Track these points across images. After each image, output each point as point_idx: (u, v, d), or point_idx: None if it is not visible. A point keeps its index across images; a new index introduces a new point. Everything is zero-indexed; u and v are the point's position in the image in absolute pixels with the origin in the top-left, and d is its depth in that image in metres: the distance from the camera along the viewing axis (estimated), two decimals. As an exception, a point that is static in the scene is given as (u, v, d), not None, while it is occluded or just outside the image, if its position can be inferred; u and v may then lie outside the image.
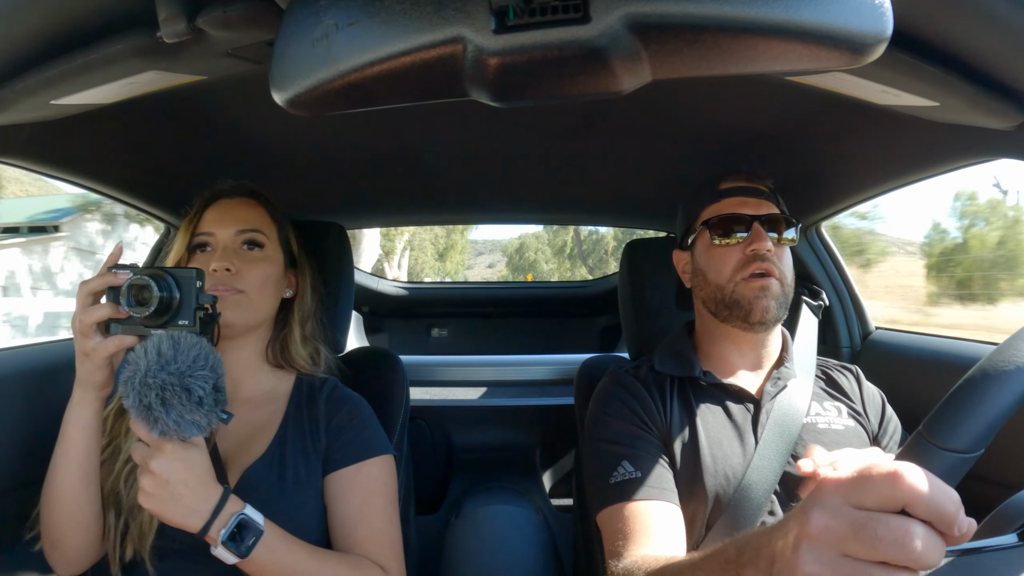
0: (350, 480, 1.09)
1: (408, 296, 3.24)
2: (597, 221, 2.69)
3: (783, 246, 1.15)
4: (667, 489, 1.03)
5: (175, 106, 1.18)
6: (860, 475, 0.48)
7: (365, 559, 1.04)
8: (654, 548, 0.94)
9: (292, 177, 1.76)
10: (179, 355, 0.83)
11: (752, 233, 1.12)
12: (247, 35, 0.76)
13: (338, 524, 1.07)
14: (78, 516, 0.96)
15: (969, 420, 0.49)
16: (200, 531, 0.85)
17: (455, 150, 1.62)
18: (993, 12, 0.67)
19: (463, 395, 2.31)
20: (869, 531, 0.46)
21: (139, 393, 0.81)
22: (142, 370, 0.82)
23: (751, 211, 1.14)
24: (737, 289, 1.12)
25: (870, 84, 0.85)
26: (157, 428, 0.83)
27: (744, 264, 1.12)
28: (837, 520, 0.48)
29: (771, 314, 1.10)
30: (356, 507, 1.07)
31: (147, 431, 0.83)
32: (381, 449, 1.13)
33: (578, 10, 0.54)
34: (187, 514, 0.85)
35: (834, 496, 0.49)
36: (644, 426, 1.11)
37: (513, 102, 0.63)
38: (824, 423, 1.12)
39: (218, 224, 1.13)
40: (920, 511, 0.45)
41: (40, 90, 0.87)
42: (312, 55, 0.60)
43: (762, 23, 0.52)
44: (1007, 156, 1.05)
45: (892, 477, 0.46)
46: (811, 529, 0.49)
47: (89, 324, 0.88)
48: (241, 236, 1.13)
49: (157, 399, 0.81)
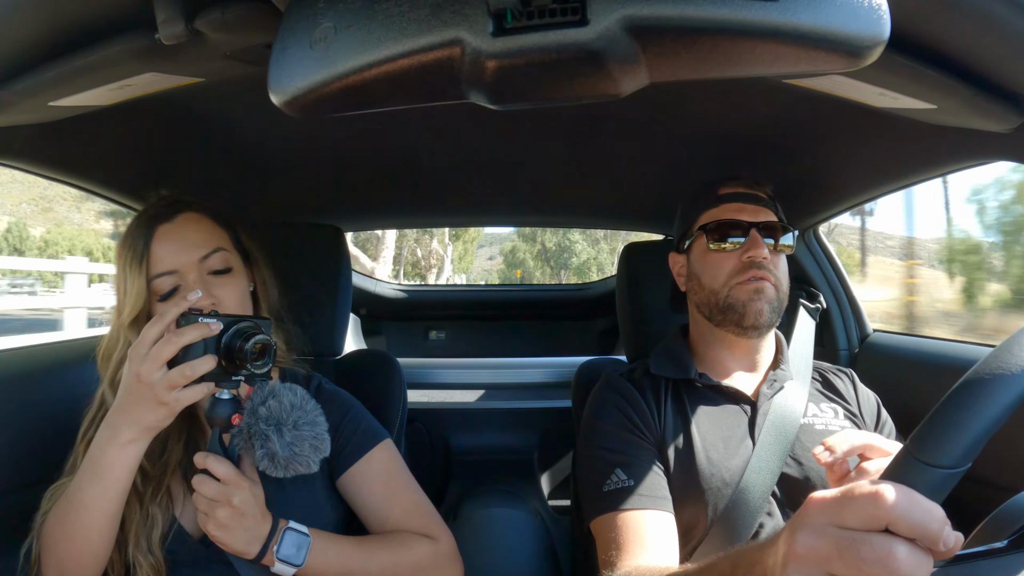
0: (365, 472, 1.12)
1: (406, 298, 3.24)
2: (595, 224, 2.69)
3: (779, 253, 1.15)
4: (661, 497, 1.03)
5: (173, 108, 1.18)
6: (843, 495, 0.49)
7: (408, 533, 1.09)
8: (647, 558, 0.94)
9: (290, 179, 1.75)
10: (304, 402, 1.01)
11: (749, 240, 1.12)
12: (245, 37, 0.76)
13: (371, 515, 1.11)
14: (101, 551, 0.94)
15: (955, 436, 0.48)
16: (258, 555, 0.92)
17: (453, 152, 1.62)
18: (990, 15, 0.67)
19: (461, 398, 2.31)
20: (853, 551, 0.46)
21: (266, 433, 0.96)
22: (275, 415, 0.97)
23: (749, 217, 1.14)
24: (732, 293, 1.12)
25: (867, 87, 0.85)
26: (268, 463, 0.96)
27: (740, 271, 1.12)
28: (822, 540, 0.48)
29: (764, 318, 1.11)
30: (381, 493, 1.12)
31: (248, 466, 0.97)
32: (382, 435, 1.17)
33: (576, 13, 0.54)
34: (251, 541, 0.91)
35: (819, 516, 0.49)
36: (638, 431, 1.11)
37: (511, 105, 0.63)
38: (821, 424, 1.12)
39: (175, 257, 1.02)
40: (903, 530, 0.46)
41: (38, 92, 0.87)
42: (310, 57, 0.60)
43: (760, 26, 0.53)
44: (1004, 158, 1.05)
45: (873, 497, 0.47)
46: (797, 549, 0.49)
47: (192, 377, 0.87)
48: (205, 264, 1.04)
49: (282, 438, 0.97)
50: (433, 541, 1.10)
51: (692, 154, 1.56)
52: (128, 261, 1.01)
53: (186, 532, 1.01)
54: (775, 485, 1.04)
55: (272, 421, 0.98)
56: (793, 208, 1.69)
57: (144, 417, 0.89)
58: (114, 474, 0.90)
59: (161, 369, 0.86)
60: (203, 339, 0.89)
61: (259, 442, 0.98)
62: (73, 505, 0.92)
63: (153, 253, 1.01)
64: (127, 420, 0.89)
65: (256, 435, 0.97)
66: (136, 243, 1.01)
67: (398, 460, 1.17)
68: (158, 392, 0.86)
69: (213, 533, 0.90)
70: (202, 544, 1.00)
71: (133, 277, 1.00)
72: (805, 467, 1.06)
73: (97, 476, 0.91)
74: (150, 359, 0.86)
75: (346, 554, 1.00)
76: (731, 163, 1.57)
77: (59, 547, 0.93)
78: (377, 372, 1.45)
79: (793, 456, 1.07)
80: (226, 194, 1.78)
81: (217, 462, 0.91)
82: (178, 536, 1.00)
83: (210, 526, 0.90)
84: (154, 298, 1.02)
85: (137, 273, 1.00)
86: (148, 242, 1.01)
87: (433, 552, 1.09)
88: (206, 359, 0.89)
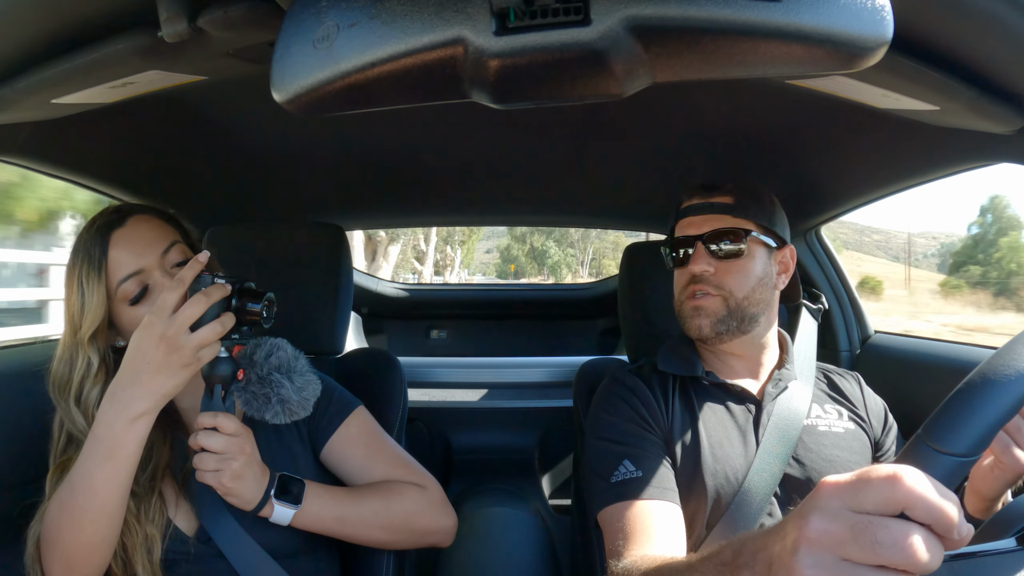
0: (345, 439, 1.16)
1: (407, 297, 3.23)
2: (597, 224, 2.69)
3: (733, 260, 1.13)
4: (668, 489, 1.03)
5: (176, 106, 1.18)
6: (859, 478, 0.48)
7: (398, 482, 1.14)
8: (654, 548, 0.94)
9: (291, 178, 1.76)
10: (297, 352, 1.19)
11: (693, 254, 1.14)
12: (248, 36, 0.76)
13: (357, 475, 1.15)
14: (110, 538, 0.93)
15: (969, 423, 0.48)
16: (261, 502, 0.97)
17: (455, 151, 1.62)
18: (994, 16, 0.67)
19: (462, 397, 2.31)
20: (868, 535, 0.45)
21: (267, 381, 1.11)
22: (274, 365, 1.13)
23: (695, 231, 1.15)
24: (681, 309, 1.17)
25: (870, 88, 0.85)
26: (279, 409, 1.09)
27: (686, 285, 1.16)
28: (836, 524, 0.47)
29: (706, 331, 1.13)
30: (364, 454, 1.16)
31: (254, 416, 1.09)
32: (354, 403, 1.22)
33: (579, 12, 0.54)
34: (256, 489, 0.96)
35: (833, 499, 0.49)
36: (646, 425, 1.11)
37: (513, 104, 0.63)
38: (824, 425, 1.12)
39: (138, 258, 1.00)
40: (920, 514, 0.45)
41: (41, 89, 0.87)
42: (313, 56, 0.60)
43: (763, 26, 0.52)
44: (1007, 160, 1.05)
45: (892, 480, 0.46)
46: (810, 533, 0.48)
47: (221, 333, 0.90)
48: (167, 259, 1.03)
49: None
50: (422, 488, 1.14)
51: (694, 154, 1.55)
52: (84, 273, 0.98)
53: (182, 532, 1.02)
54: (777, 486, 1.04)
55: (283, 369, 1.13)
56: (795, 209, 1.69)
57: (165, 384, 0.89)
58: (125, 451, 0.89)
59: (187, 330, 0.88)
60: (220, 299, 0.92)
61: (273, 389, 1.10)
62: (80, 491, 0.89)
63: (112, 259, 0.99)
64: (141, 392, 0.88)
65: (271, 383, 1.10)
66: (91, 252, 0.99)
67: (375, 424, 1.22)
68: (185, 353, 0.88)
69: (228, 485, 0.93)
70: (198, 540, 1.01)
71: (92, 287, 0.98)
72: (807, 468, 1.06)
73: (107, 456, 0.89)
74: (179, 321, 0.87)
75: (339, 500, 1.05)
76: (732, 164, 1.57)
77: (65, 538, 0.90)
78: (378, 371, 1.45)
79: (796, 457, 1.07)
80: (227, 192, 1.78)
81: (227, 418, 0.95)
82: (175, 537, 1.01)
83: (224, 479, 0.93)
84: (121, 305, 1.00)
85: (96, 282, 0.98)
86: (105, 249, 0.99)
87: (423, 498, 1.13)
88: (227, 316, 0.92)
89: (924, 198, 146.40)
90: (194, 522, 1.03)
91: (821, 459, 1.07)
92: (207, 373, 0.95)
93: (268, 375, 1.12)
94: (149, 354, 0.87)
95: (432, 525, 1.13)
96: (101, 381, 0.98)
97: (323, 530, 1.04)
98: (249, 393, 1.10)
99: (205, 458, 0.93)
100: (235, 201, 1.86)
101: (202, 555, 1.01)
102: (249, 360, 1.14)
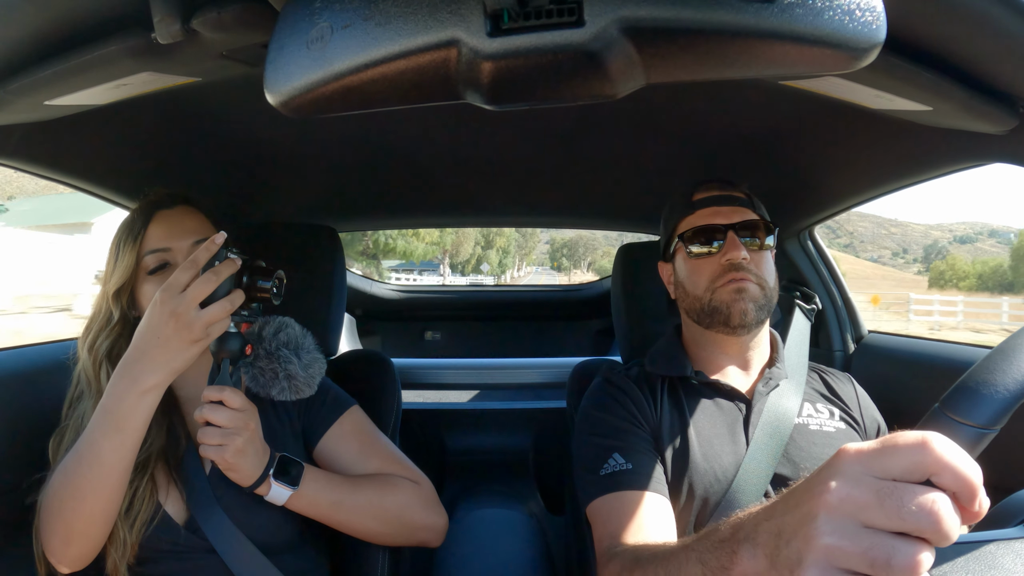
0: (338, 436, 1.17)
1: (401, 299, 3.23)
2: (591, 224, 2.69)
3: (762, 252, 1.15)
4: (658, 481, 1.03)
5: (169, 108, 1.18)
6: (884, 444, 0.47)
7: (393, 475, 1.15)
8: (645, 538, 0.94)
9: (285, 179, 1.75)
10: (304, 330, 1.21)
11: (727, 243, 1.13)
12: (241, 37, 0.76)
13: (350, 471, 1.15)
14: (111, 510, 0.95)
15: (990, 395, 0.48)
16: (259, 479, 0.98)
17: (449, 153, 1.62)
18: (986, 17, 0.67)
19: (456, 398, 2.31)
20: (895, 499, 0.44)
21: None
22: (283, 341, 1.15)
23: (724, 220, 1.15)
24: (715, 296, 1.13)
25: (863, 88, 0.85)
26: (286, 385, 1.12)
27: (720, 274, 1.13)
28: (860, 489, 0.46)
29: (751, 316, 1.11)
30: (357, 450, 1.17)
31: (259, 392, 1.12)
32: (349, 402, 1.23)
33: (572, 14, 0.54)
34: (257, 465, 0.98)
35: (855, 465, 0.47)
36: (635, 422, 1.11)
37: (507, 105, 0.63)
38: (816, 424, 1.12)
39: (170, 238, 1.07)
40: (947, 480, 0.44)
41: (34, 91, 0.86)
42: (307, 57, 0.60)
43: (756, 27, 0.53)
44: (999, 160, 1.06)
45: (921, 445, 0.45)
46: (830, 498, 0.47)
47: (231, 310, 0.92)
48: (195, 249, 1.04)
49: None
50: (415, 484, 1.16)
51: (688, 155, 1.56)
52: (124, 237, 1.07)
53: (171, 519, 1.02)
54: (768, 484, 1.04)
55: (292, 346, 1.16)
56: (787, 209, 1.69)
57: (174, 359, 0.91)
58: (133, 424, 0.91)
59: (197, 307, 0.89)
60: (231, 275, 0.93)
61: (281, 365, 1.12)
62: (86, 461, 0.92)
63: (149, 232, 1.07)
64: (151, 366, 0.91)
65: (279, 359, 1.13)
66: (135, 223, 1.08)
67: (369, 422, 1.23)
68: (195, 329, 0.89)
69: (231, 460, 0.94)
70: (187, 530, 1.02)
71: (126, 251, 1.06)
72: (799, 466, 1.06)
73: (115, 428, 0.91)
74: (189, 298, 0.89)
75: (335, 485, 1.06)
76: (726, 164, 1.57)
77: (67, 508, 0.92)
78: (372, 372, 1.45)
79: (787, 455, 1.07)
80: (221, 193, 1.77)
81: (233, 392, 0.96)
82: (163, 523, 1.01)
83: (227, 453, 0.93)
84: (142, 272, 1.06)
85: (131, 248, 1.06)
86: (146, 222, 1.08)
87: (417, 493, 1.15)
88: (237, 293, 0.94)
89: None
90: (184, 511, 1.03)
91: (812, 458, 1.07)
92: (215, 348, 0.96)
93: (277, 351, 1.14)
94: (159, 329, 0.90)
95: (424, 521, 1.14)
96: (114, 335, 1.05)
97: (317, 514, 1.05)
98: (256, 368, 1.13)
99: (209, 432, 0.94)
100: (229, 203, 1.85)
101: (192, 548, 1.01)
102: (257, 336, 1.16)
